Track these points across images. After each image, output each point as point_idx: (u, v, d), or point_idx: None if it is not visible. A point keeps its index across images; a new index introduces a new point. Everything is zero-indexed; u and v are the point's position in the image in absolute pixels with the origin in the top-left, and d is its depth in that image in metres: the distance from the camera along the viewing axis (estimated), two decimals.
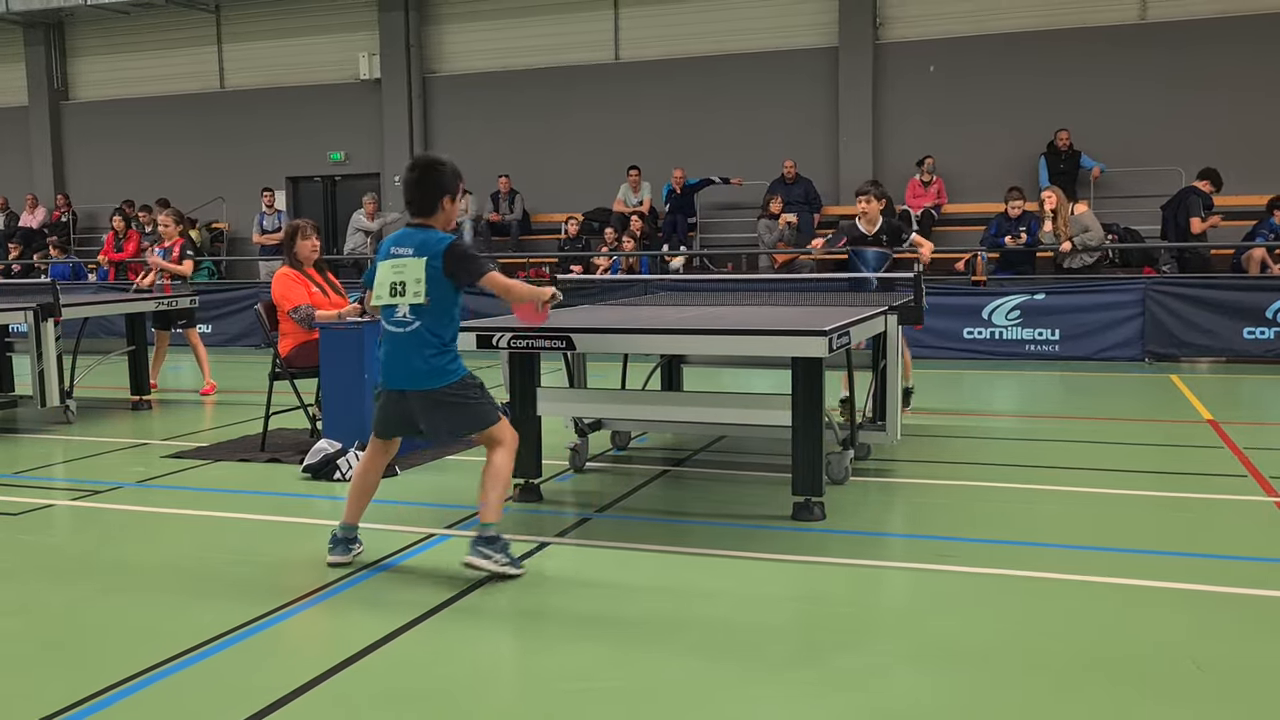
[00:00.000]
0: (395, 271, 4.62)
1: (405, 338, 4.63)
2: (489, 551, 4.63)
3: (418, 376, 4.63)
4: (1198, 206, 13.09)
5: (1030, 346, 12.36)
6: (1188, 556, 4.92)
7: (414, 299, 4.58)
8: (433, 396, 4.65)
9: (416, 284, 4.57)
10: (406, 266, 4.60)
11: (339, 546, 4.92)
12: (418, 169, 4.72)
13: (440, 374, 4.64)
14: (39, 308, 8.51)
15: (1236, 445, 7.28)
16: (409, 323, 4.62)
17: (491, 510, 4.69)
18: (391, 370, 4.70)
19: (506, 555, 4.67)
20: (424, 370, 4.62)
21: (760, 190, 16.40)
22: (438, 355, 4.64)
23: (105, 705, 3.47)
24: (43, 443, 8.32)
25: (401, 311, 4.62)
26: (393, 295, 4.62)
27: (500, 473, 4.71)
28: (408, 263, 4.61)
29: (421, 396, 4.66)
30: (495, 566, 4.62)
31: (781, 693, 3.50)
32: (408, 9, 18.80)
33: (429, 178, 4.69)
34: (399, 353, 4.66)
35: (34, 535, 5.72)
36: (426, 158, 4.75)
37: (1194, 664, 3.68)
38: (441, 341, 4.65)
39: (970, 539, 5.21)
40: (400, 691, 3.58)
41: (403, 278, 4.60)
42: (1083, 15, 15.76)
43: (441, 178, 4.70)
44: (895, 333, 6.52)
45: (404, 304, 4.60)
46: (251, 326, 14.26)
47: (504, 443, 4.75)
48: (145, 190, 19.53)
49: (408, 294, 4.59)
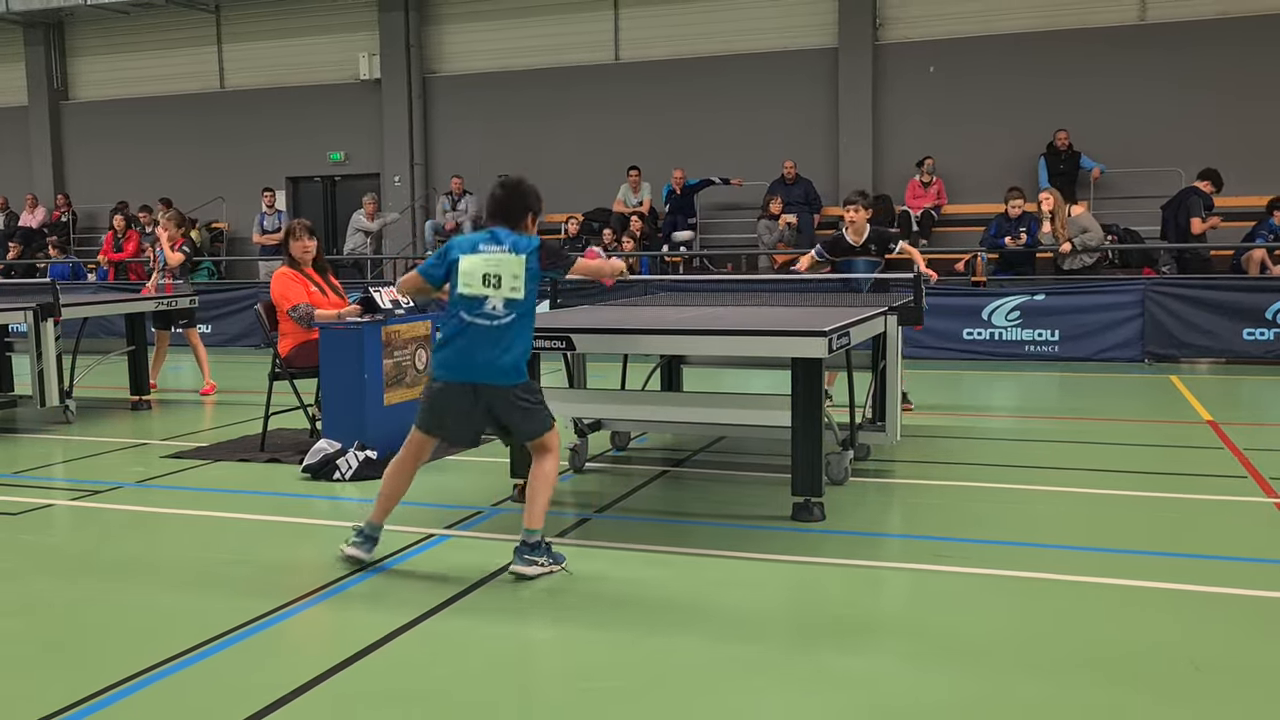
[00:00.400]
0: (490, 264, 4.66)
1: (493, 331, 4.66)
2: (533, 558, 4.68)
3: (498, 371, 4.66)
4: (1198, 207, 13.09)
5: (1030, 347, 12.36)
6: (1187, 557, 4.92)
7: (512, 293, 4.65)
8: (505, 394, 4.68)
9: (514, 279, 4.64)
10: (503, 262, 4.66)
11: (367, 544, 4.92)
12: (506, 189, 4.84)
13: (518, 372, 4.71)
14: (39, 307, 8.51)
15: (1236, 446, 7.28)
16: (500, 316, 4.66)
17: (538, 516, 4.73)
18: (467, 362, 4.67)
19: (550, 556, 4.74)
20: (507, 366, 4.67)
21: (760, 191, 16.40)
22: (522, 355, 4.73)
23: (105, 705, 3.48)
24: (42, 443, 8.32)
25: (493, 304, 4.65)
26: (485, 285, 4.65)
27: (551, 479, 4.79)
28: (503, 258, 4.67)
29: (495, 392, 4.68)
30: (539, 571, 4.67)
31: (781, 692, 3.50)
32: (408, 9, 18.80)
33: (518, 197, 4.83)
34: (482, 345, 4.65)
35: (34, 535, 5.72)
36: (517, 179, 4.90)
37: (1192, 664, 3.68)
38: (529, 336, 4.78)
39: (969, 539, 5.22)
40: (400, 691, 3.58)
41: (499, 271, 4.65)
42: (1083, 16, 15.76)
43: (527, 197, 4.85)
44: (895, 333, 6.53)
45: (498, 297, 4.65)
46: (251, 326, 14.26)
47: (553, 450, 4.82)
48: (145, 190, 19.53)
49: (504, 287, 4.64)
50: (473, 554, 5.08)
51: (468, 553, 5.13)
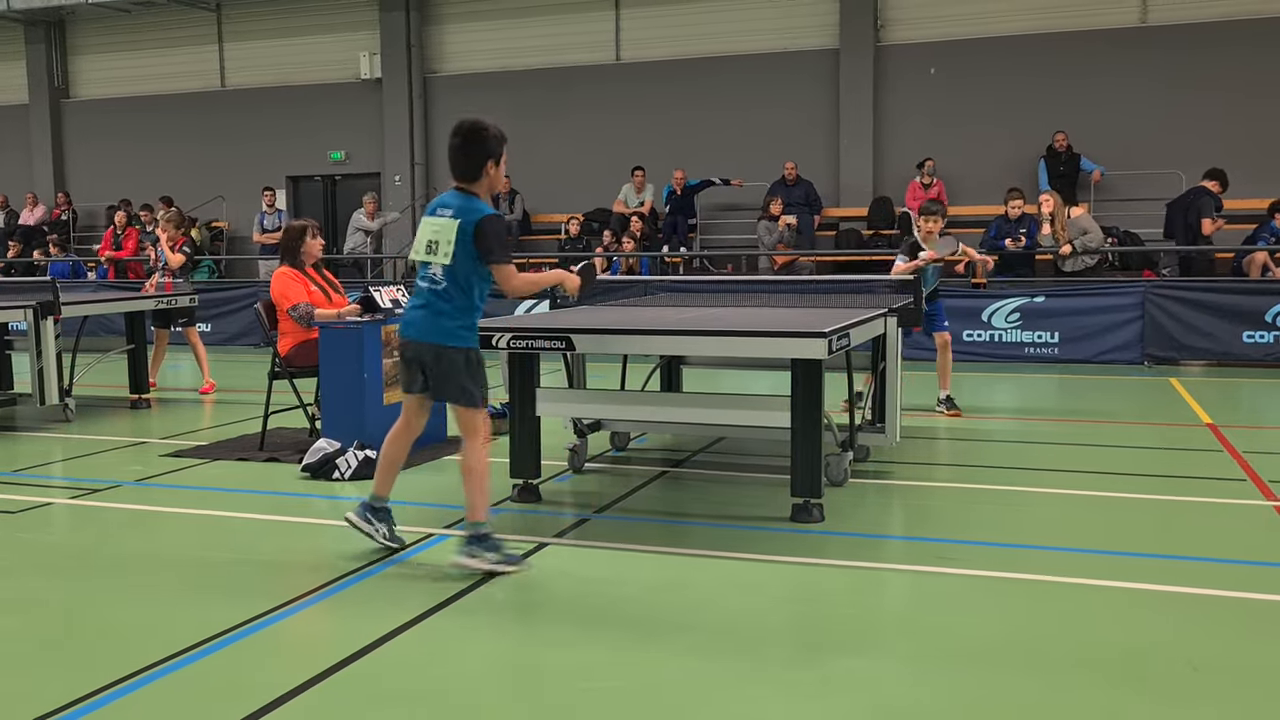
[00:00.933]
0: (433, 230, 4.70)
1: (431, 294, 4.72)
2: (477, 550, 4.66)
3: (431, 330, 4.71)
4: (1210, 208, 13.07)
5: (1030, 349, 12.36)
6: (1186, 560, 4.92)
7: (444, 259, 4.65)
8: (437, 351, 4.72)
9: (448, 245, 4.64)
10: (443, 227, 4.67)
11: (362, 509, 5.03)
12: (461, 134, 4.72)
13: (451, 335, 4.70)
14: (38, 306, 8.50)
15: (1235, 449, 7.28)
16: (438, 282, 4.70)
17: (477, 508, 4.71)
18: (412, 321, 4.80)
19: (499, 553, 4.69)
20: (439, 327, 4.70)
21: (760, 192, 16.40)
22: (454, 317, 4.70)
23: (103, 704, 3.47)
24: (42, 441, 8.32)
25: (434, 270, 4.70)
26: (428, 252, 4.70)
27: (474, 468, 4.75)
28: (444, 223, 4.67)
29: (429, 349, 4.74)
30: (485, 565, 4.64)
31: (781, 694, 3.50)
32: (409, 9, 18.81)
33: (473, 142, 4.70)
34: (423, 306, 4.74)
35: (33, 533, 5.72)
36: (471, 121, 4.74)
37: (1190, 666, 3.68)
38: (463, 305, 4.71)
39: (968, 541, 5.22)
40: (399, 691, 3.58)
41: (439, 237, 4.67)
42: (1083, 18, 15.76)
43: (486, 142, 4.70)
44: (895, 335, 6.53)
45: (436, 263, 4.68)
46: (251, 325, 14.26)
47: (475, 435, 4.77)
48: (145, 189, 19.54)
49: (439, 253, 4.66)
50: None
51: None
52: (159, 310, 10.26)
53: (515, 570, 4.69)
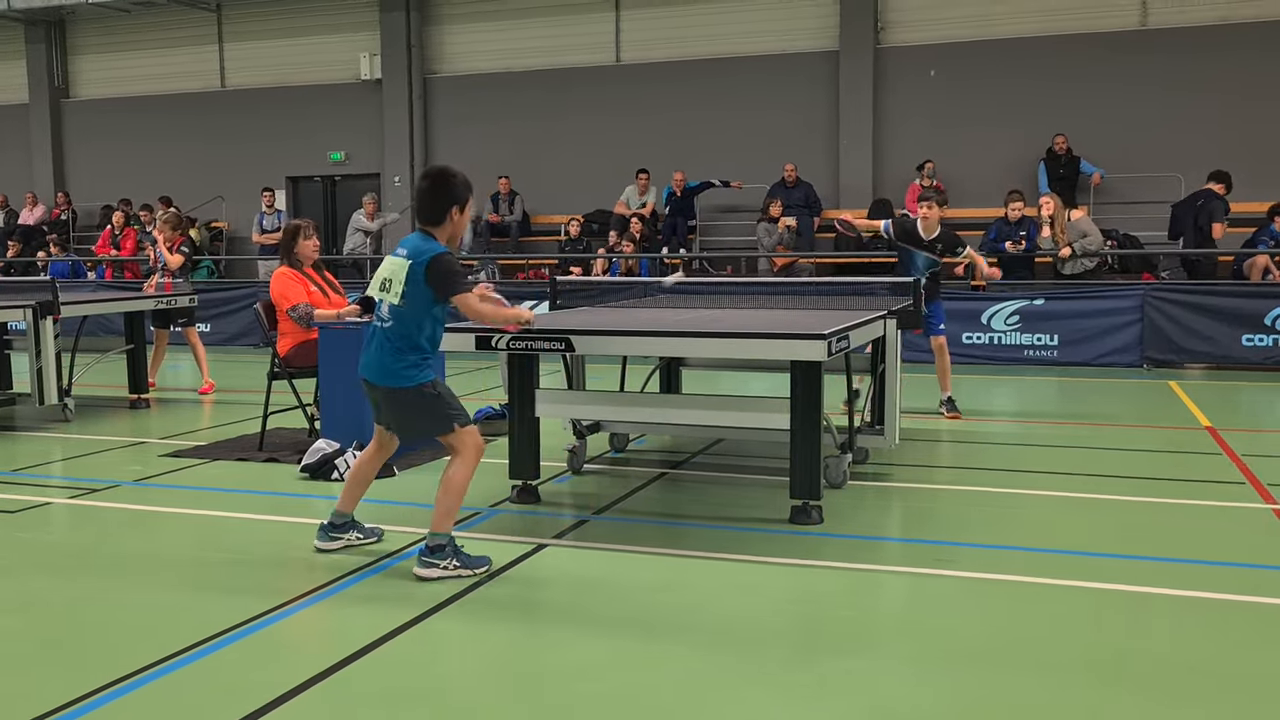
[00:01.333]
0: (389, 269, 4.75)
1: (380, 333, 4.78)
2: (433, 560, 4.67)
3: (379, 373, 4.78)
4: (1220, 211, 13.07)
5: (1029, 352, 12.36)
6: (1185, 563, 4.92)
7: (393, 299, 4.70)
8: (389, 395, 4.79)
9: (399, 285, 4.68)
10: (397, 267, 4.71)
11: (321, 533, 5.11)
12: (430, 179, 4.82)
13: (396, 376, 4.74)
14: (38, 305, 8.50)
15: (1234, 452, 7.28)
16: (386, 320, 4.76)
17: (438, 519, 4.71)
18: (365, 360, 4.86)
19: (458, 559, 4.71)
20: (385, 369, 4.75)
21: (760, 194, 16.40)
22: (398, 357, 4.72)
23: (102, 703, 3.47)
24: (41, 440, 8.31)
25: (384, 308, 4.77)
26: (381, 290, 4.77)
27: (452, 483, 4.74)
28: (398, 263, 4.72)
29: (382, 392, 4.81)
30: (442, 574, 4.65)
31: (779, 695, 3.50)
32: (409, 9, 18.81)
33: (440, 187, 4.77)
34: (372, 346, 4.82)
35: (31, 533, 5.72)
36: (439, 169, 4.87)
37: (1189, 669, 3.68)
38: (405, 346, 4.73)
39: (967, 543, 5.22)
40: (397, 691, 3.58)
41: (392, 276, 4.72)
42: (1084, 21, 15.77)
43: (453, 189, 4.77)
44: (894, 337, 6.53)
45: (386, 301, 4.74)
46: (250, 326, 14.26)
47: (463, 452, 4.76)
48: (145, 189, 19.53)
49: (390, 292, 4.71)
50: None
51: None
52: (158, 310, 10.26)
53: (478, 572, 4.70)
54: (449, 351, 6.04)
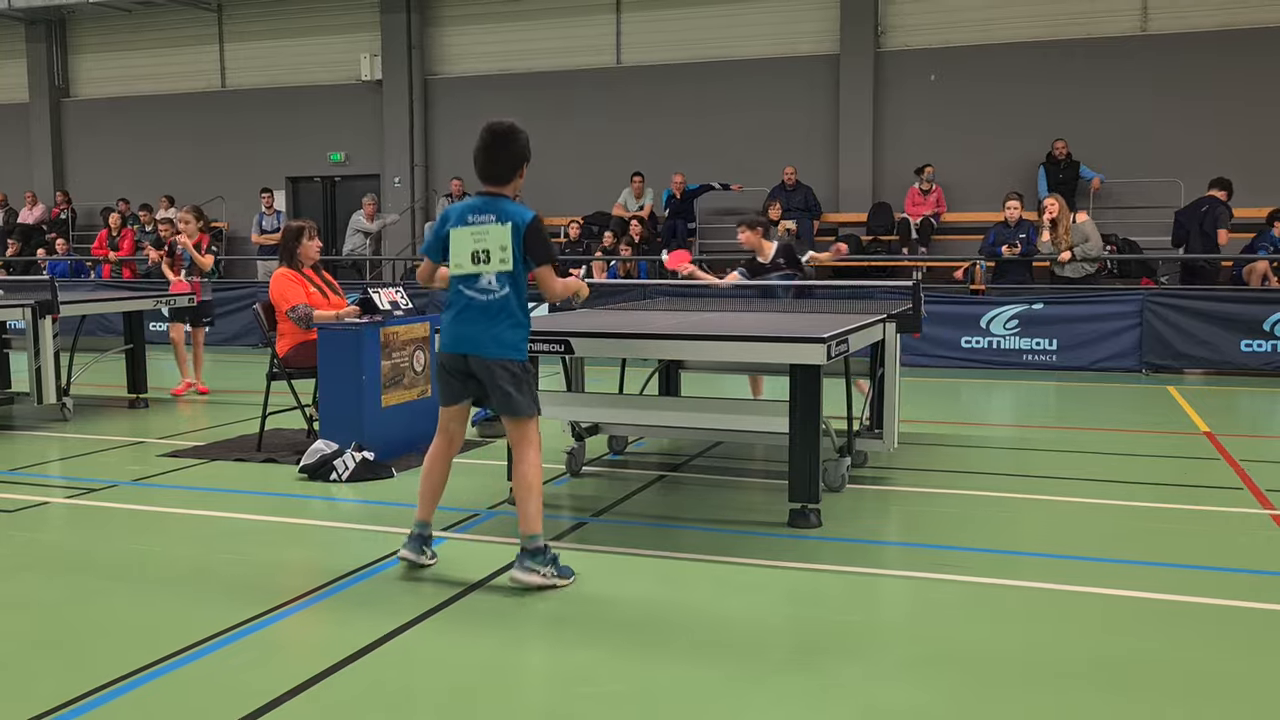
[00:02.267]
0: (476, 239, 4.52)
1: (486, 305, 4.54)
2: (534, 565, 4.52)
3: (492, 344, 4.54)
4: (1226, 218, 13.08)
5: (1028, 356, 12.37)
6: (1183, 568, 4.92)
7: (501, 266, 4.49)
8: (493, 367, 4.55)
9: (503, 250, 4.48)
10: (490, 233, 4.50)
11: (411, 543, 4.83)
12: (495, 135, 4.59)
13: (512, 348, 4.56)
14: (37, 304, 8.50)
15: (1233, 457, 7.29)
16: (493, 290, 4.53)
17: (532, 519, 4.55)
18: (461, 335, 4.59)
19: (554, 567, 4.57)
20: (499, 340, 4.54)
21: (760, 196, 16.40)
22: (514, 328, 4.57)
23: (97, 704, 3.47)
24: (39, 440, 8.31)
25: (487, 279, 4.53)
26: (475, 263, 4.53)
27: (529, 479, 4.59)
28: (491, 229, 4.51)
29: (484, 366, 4.56)
30: (542, 580, 4.51)
31: (777, 699, 3.50)
32: (410, 11, 18.81)
33: (507, 144, 4.59)
34: (475, 319, 4.56)
35: (29, 532, 5.71)
36: (503, 124, 4.63)
37: (1185, 674, 3.68)
38: (520, 314, 4.59)
39: (966, 548, 5.22)
40: (396, 692, 3.57)
41: (485, 245, 4.50)
42: (1084, 26, 15.79)
43: (519, 145, 4.61)
44: (894, 340, 6.53)
45: (489, 271, 4.51)
46: (250, 326, 14.26)
47: (532, 443, 4.63)
48: (145, 189, 19.54)
49: (493, 261, 4.50)
50: (469, 557, 5.08)
51: (464, 555, 5.12)
52: (183, 309, 10.29)
53: (568, 583, 4.58)
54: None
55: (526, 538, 4.56)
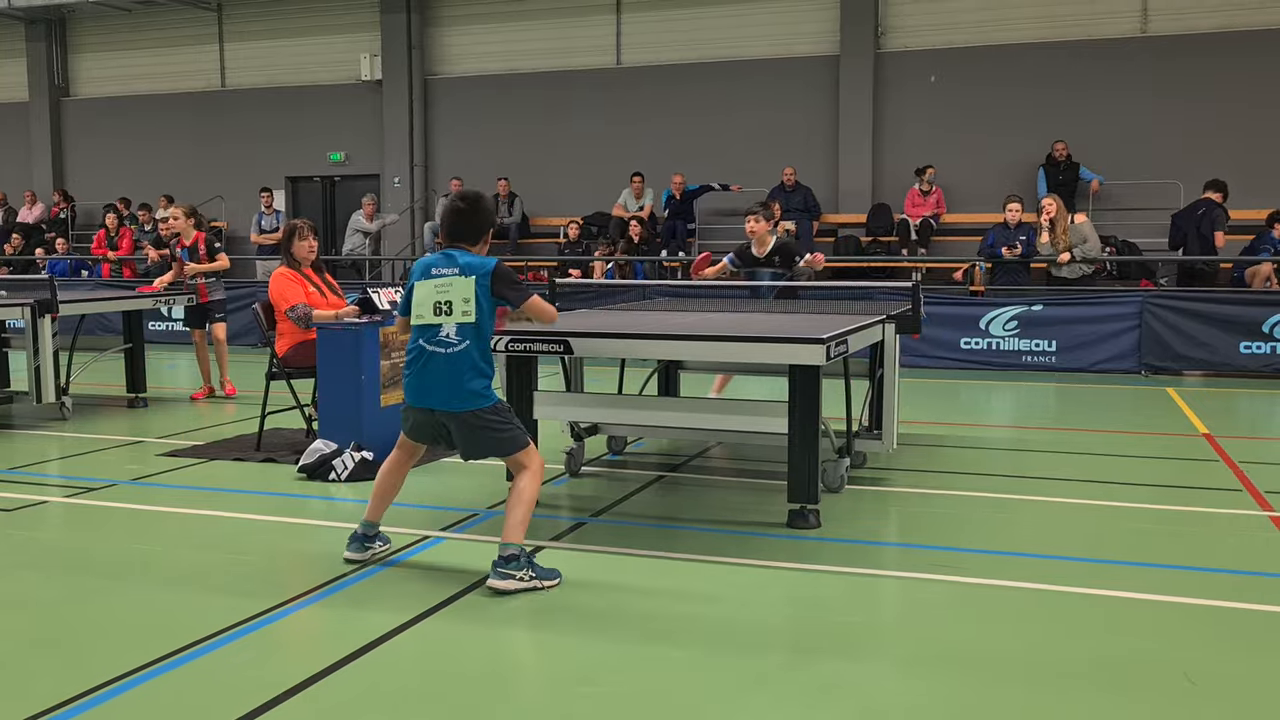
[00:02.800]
0: (440, 290, 4.60)
1: (448, 359, 4.60)
2: (508, 571, 4.54)
3: (456, 397, 4.61)
4: (1223, 220, 13.09)
5: (1027, 357, 12.37)
6: (1182, 570, 4.92)
7: (463, 318, 4.56)
8: (465, 419, 4.63)
9: (465, 303, 4.55)
10: (453, 285, 4.57)
11: (354, 543, 4.97)
12: (467, 201, 4.79)
13: (476, 397, 4.61)
14: (36, 303, 8.50)
15: (1232, 459, 7.29)
16: (454, 343, 4.59)
17: (512, 530, 4.59)
18: (425, 390, 4.66)
19: (532, 570, 4.58)
20: (463, 391, 4.60)
21: (759, 197, 16.37)
22: (477, 378, 4.62)
23: (96, 703, 3.47)
24: (38, 439, 8.31)
25: (446, 331, 4.59)
26: (437, 314, 4.60)
27: (524, 495, 4.66)
28: (454, 281, 4.58)
29: (454, 418, 4.65)
30: (517, 585, 4.52)
31: (775, 700, 3.50)
32: (410, 10, 18.81)
33: (479, 211, 4.78)
34: (437, 373, 4.62)
35: (28, 531, 5.71)
36: (475, 193, 4.88)
37: (1185, 677, 3.68)
38: (483, 363, 4.64)
39: (964, 549, 5.22)
40: (395, 692, 3.57)
41: (449, 296, 4.58)
42: (1084, 28, 15.80)
43: (489, 213, 4.86)
44: (893, 342, 6.53)
45: (450, 324, 4.58)
46: (249, 326, 14.24)
47: (530, 468, 4.71)
48: (145, 188, 19.54)
49: (455, 313, 4.57)
50: (468, 556, 5.08)
51: (463, 555, 5.13)
52: (194, 308, 10.19)
53: (549, 585, 4.58)
54: None
55: (503, 545, 4.59)
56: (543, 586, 4.56)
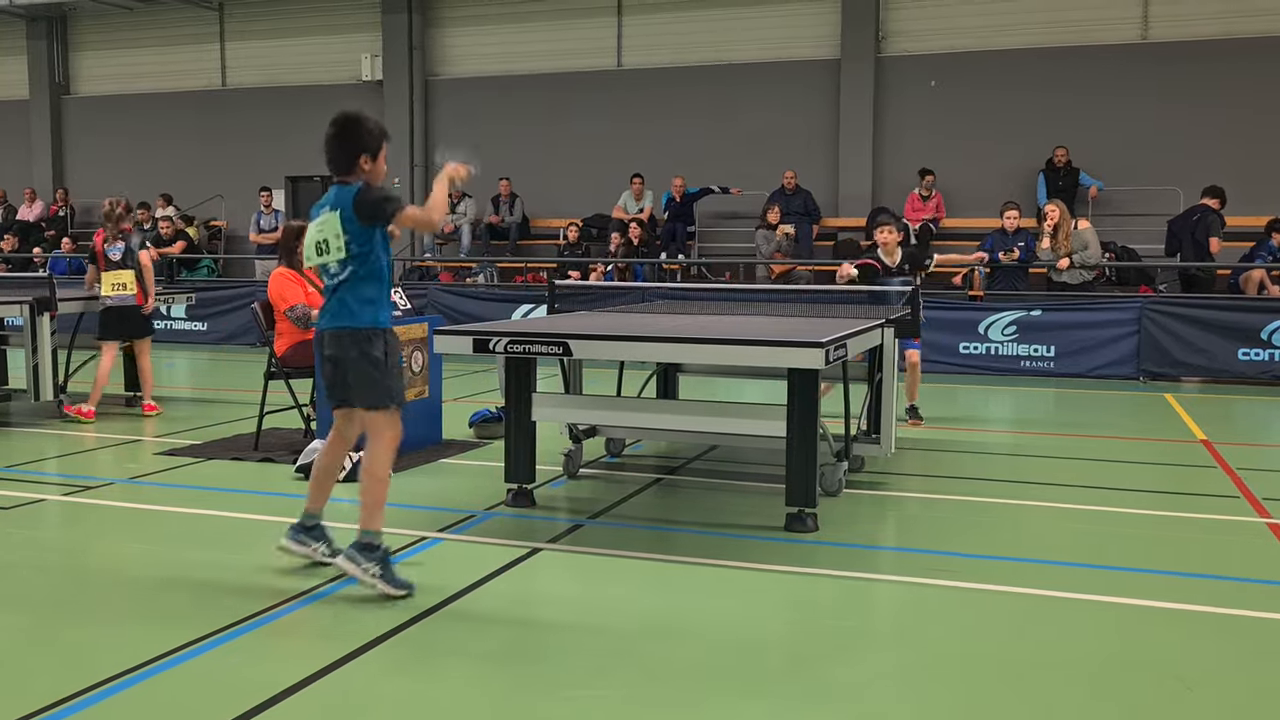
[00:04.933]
0: (318, 231, 4.53)
1: (336, 287, 4.56)
2: (360, 559, 4.44)
3: (333, 316, 4.55)
4: (1217, 226, 13.09)
5: (1025, 362, 12.38)
6: (1178, 576, 4.92)
7: (337, 254, 4.49)
8: (342, 341, 4.51)
9: (336, 238, 4.47)
10: (326, 223, 4.50)
11: (293, 533, 4.80)
12: (336, 125, 4.54)
13: (350, 315, 4.51)
14: (35, 302, 8.49)
15: (1229, 465, 7.29)
16: (338, 275, 4.54)
17: (368, 515, 4.48)
18: (321, 315, 4.66)
19: (380, 567, 4.42)
20: (339, 309, 4.54)
21: (760, 200, 16.41)
22: (354, 293, 4.52)
23: (87, 705, 3.46)
24: (36, 437, 8.30)
25: (331, 268, 4.56)
26: (320, 254, 4.54)
27: (376, 471, 4.52)
28: (326, 219, 4.50)
29: (333, 338, 4.54)
30: (363, 575, 4.43)
31: (771, 703, 3.50)
32: (411, 11, 18.82)
33: (348, 134, 4.52)
34: (330, 299, 4.60)
35: (24, 530, 5.70)
36: (346, 114, 4.57)
37: (1181, 683, 3.68)
38: (366, 287, 4.54)
39: (962, 553, 5.22)
40: (389, 694, 3.57)
41: (324, 235, 4.50)
42: (1084, 34, 15.80)
43: (361, 135, 4.53)
44: (892, 346, 6.54)
45: (331, 260, 4.52)
46: (247, 325, 14.27)
47: (383, 436, 4.55)
48: (145, 187, 19.50)
49: (331, 250, 4.49)
50: (465, 558, 5.08)
51: (460, 556, 5.13)
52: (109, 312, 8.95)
53: (397, 594, 4.40)
54: (446, 354, 6.05)
55: (362, 531, 4.49)
56: (389, 591, 4.41)
